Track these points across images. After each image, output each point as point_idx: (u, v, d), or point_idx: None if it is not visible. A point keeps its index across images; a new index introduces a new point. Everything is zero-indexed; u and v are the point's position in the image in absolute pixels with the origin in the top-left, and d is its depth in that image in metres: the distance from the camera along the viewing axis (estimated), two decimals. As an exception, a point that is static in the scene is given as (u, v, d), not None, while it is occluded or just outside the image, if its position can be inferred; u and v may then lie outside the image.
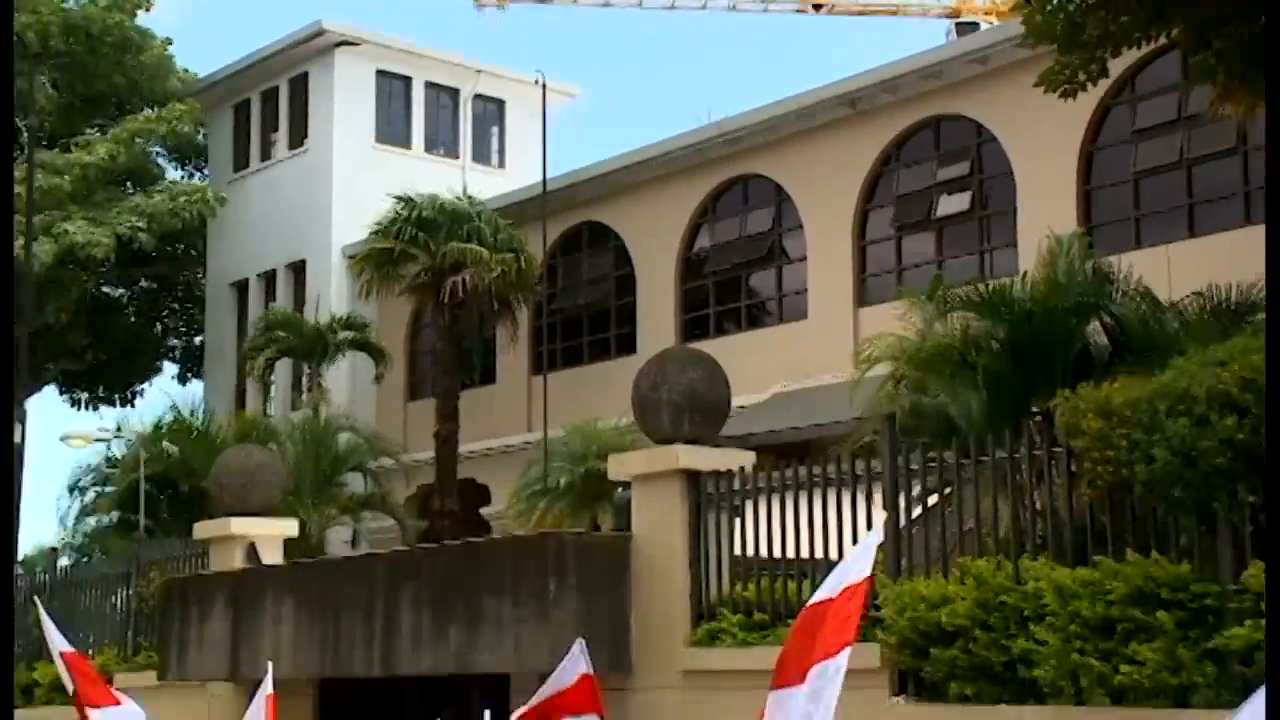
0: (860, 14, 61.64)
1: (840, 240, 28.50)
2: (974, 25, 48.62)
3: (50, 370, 42.79)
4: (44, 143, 38.13)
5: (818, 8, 60.89)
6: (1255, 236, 22.63)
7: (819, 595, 9.71)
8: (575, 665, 12.61)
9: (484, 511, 32.43)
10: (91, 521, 32.74)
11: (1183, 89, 22.76)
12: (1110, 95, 24.18)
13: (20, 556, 24.33)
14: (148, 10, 42.83)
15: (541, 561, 15.82)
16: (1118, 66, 21.88)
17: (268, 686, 12.29)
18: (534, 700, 12.49)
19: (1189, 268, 19.65)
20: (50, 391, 45.22)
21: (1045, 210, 24.30)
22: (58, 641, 14.73)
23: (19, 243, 30.74)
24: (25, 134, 30.87)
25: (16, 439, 22.56)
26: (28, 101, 29.46)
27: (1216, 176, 23.89)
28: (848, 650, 9.26)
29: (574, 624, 15.21)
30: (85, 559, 31.23)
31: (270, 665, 13.19)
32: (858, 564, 9.59)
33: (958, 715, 12.50)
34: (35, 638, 21.68)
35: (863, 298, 28.06)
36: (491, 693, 15.52)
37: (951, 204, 27.29)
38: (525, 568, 15.96)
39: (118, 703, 14.24)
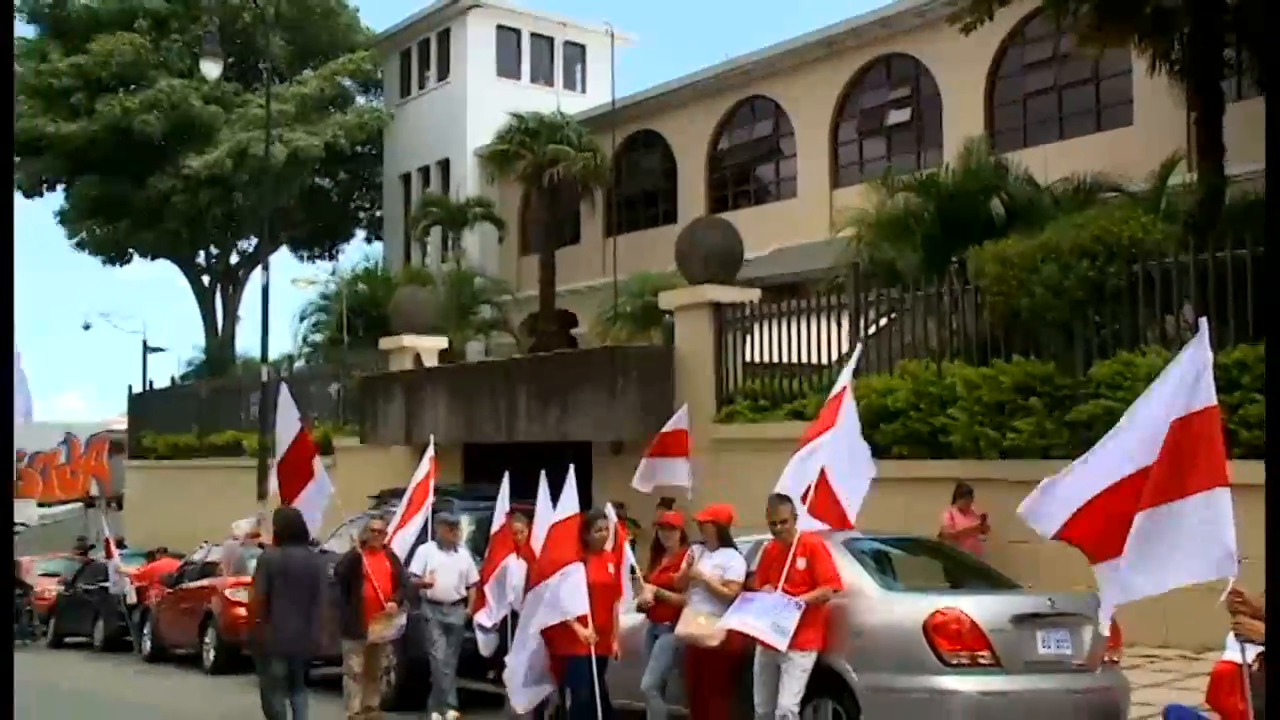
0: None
1: (820, 142, 28.05)
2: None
3: (283, 237, 43.29)
4: (276, 81, 38.15)
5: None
6: (1104, 140, 22.26)
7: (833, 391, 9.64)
8: (678, 422, 13.00)
9: (574, 332, 32.51)
10: (316, 338, 33.32)
11: (1056, 37, 22.09)
12: (1008, 40, 23.64)
13: (269, 359, 24.67)
14: (342, -15, 42.99)
15: (612, 365, 15.92)
16: (1012, 19, 21.39)
17: (431, 450, 12.40)
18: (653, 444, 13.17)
19: (1059, 162, 19.26)
20: (284, 250, 45.76)
21: (962, 121, 23.87)
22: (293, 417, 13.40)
23: (261, 148, 31.42)
24: (264, 74, 31.78)
25: (263, 283, 22.78)
26: (266, 52, 30.09)
27: (1078, 98, 23.39)
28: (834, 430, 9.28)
29: (635, 408, 15.35)
30: (311, 362, 31.76)
31: (432, 437, 13.24)
32: (844, 377, 9.65)
33: (896, 467, 12.60)
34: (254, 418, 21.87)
35: (836, 182, 27.66)
36: (578, 454, 15.70)
37: (898, 116, 26.77)
38: (601, 369, 16.07)
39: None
